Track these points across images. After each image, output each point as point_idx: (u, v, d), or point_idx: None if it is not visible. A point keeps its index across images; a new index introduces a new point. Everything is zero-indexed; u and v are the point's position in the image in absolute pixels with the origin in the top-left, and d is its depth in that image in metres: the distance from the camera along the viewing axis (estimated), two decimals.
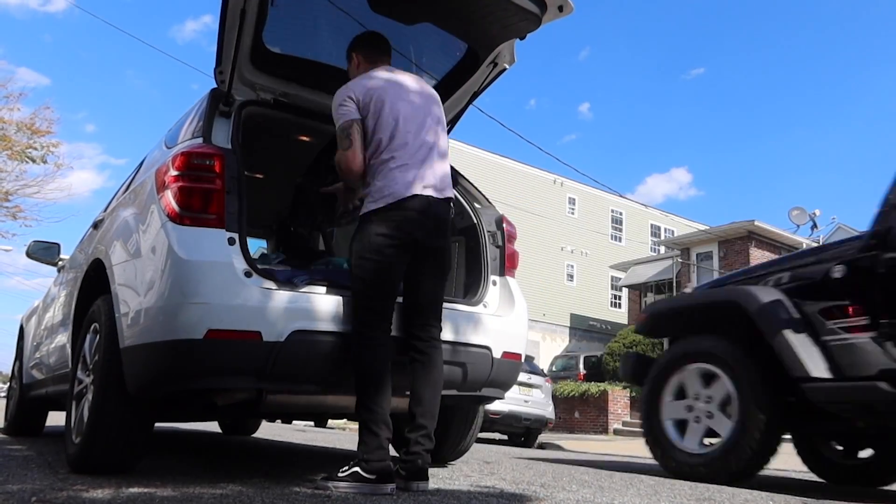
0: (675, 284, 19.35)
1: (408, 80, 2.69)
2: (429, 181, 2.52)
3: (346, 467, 2.34)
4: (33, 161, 16.41)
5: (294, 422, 5.26)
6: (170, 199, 2.40)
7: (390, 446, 2.42)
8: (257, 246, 4.96)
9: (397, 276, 2.49)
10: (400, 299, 2.57)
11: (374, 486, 2.27)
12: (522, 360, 3.09)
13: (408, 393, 2.54)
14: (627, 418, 14.43)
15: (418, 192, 2.47)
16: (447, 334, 2.75)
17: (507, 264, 3.18)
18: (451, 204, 2.65)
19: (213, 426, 7.30)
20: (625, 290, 24.37)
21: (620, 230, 28.17)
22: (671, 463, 3.54)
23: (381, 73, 2.64)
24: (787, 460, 3.95)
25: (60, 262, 4.79)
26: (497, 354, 2.91)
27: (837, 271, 3.01)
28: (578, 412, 14.98)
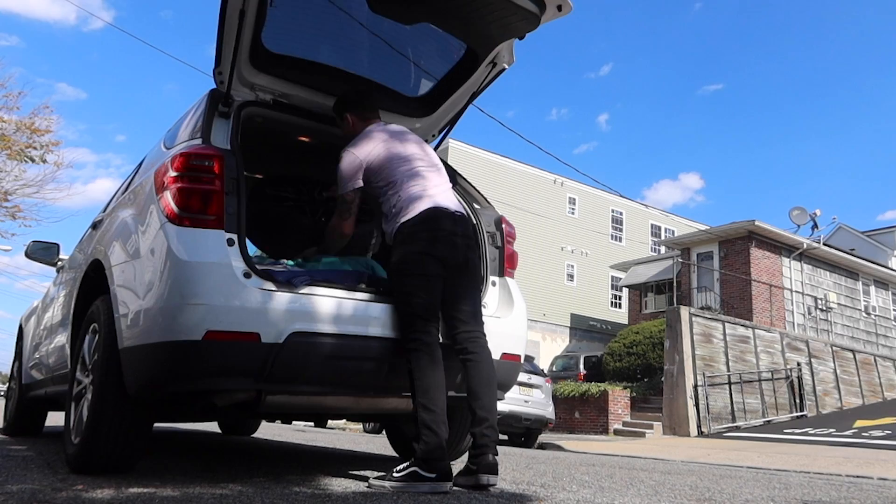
0: (675, 284, 19.34)
1: (396, 127, 3.00)
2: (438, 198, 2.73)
3: (403, 466, 2.39)
4: (32, 161, 16.42)
5: (294, 422, 5.30)
6: (169, 199, 2.40)
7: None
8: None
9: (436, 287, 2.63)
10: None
11: (433, 485, 2.32)
12: (522, 360, 3.09)
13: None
14: (628, 418, 14.42)
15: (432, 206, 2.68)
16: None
17: (506, 265, 3.18)
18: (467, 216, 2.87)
19: (212, 426, 7.29)
20: (625, 290, 24.36)
21: (620, 230, 28.15)
22: None
23: (378, 131, 2.88)
24: None
25: (59, 263, 4.79)
26: (496, 355, 2.90)
27: None
28: (578, 412, 14.97)
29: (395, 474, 2.38)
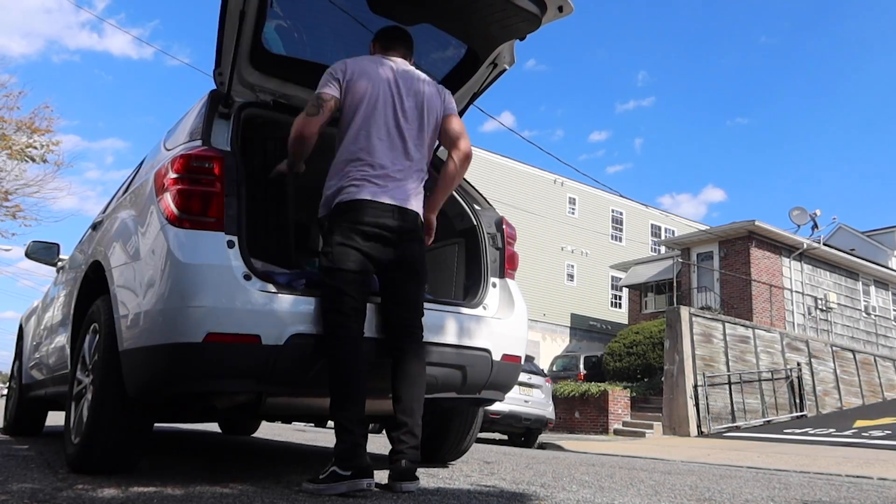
0: (675, 284, 19.33)
1: (409, 68, 2.72)
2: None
3: (325, 469, 2.28)
4: (33, 160, 16.44)
5: (294, 422, 5.29)
6: (169, 201, 2.40)
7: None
8: None
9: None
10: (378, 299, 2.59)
11: (351, 483, 2.20)
12: (522, 362, 3.09)
13: (391, 395, 2.52)
14: (628, 418, 14.42)
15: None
16: (447, 337, 2.75)
17: (506, 266, 3.18)
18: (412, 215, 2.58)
19: (213, 426, 7.30)
20: (625, 290, 24.36)
21: (620, 230, 28.15)
22: None
23: (383, 59, 2.69)
24: None
25: (60, 263, 4.79)
26: (497, 357, 2.90)
27: None
28: (578, 412, 14.97)
29: (319, 476, 2.26)
